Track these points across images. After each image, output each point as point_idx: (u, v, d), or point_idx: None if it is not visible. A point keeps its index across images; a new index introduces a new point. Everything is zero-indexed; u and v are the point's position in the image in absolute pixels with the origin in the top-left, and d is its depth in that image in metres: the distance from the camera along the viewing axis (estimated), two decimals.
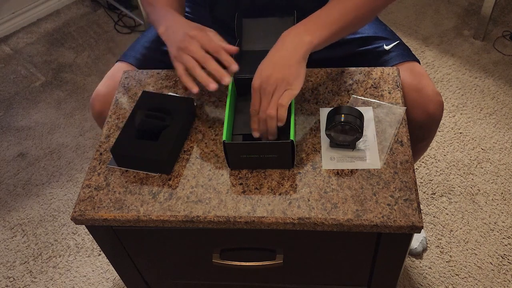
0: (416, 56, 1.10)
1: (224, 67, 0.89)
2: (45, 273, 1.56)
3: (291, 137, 0.83)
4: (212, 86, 0.88)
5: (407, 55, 1.09)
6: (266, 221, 0.82)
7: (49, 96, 2.11)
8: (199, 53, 0.89)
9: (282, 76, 0.85)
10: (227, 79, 0.87)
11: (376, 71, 1.01)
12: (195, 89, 0.89)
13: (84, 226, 1.42)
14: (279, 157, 0.85)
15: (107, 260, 1.35)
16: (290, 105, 0.88)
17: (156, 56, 1.15)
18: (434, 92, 1.04)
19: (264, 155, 0.85)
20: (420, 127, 1.06)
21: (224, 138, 0.84)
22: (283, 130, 0.91)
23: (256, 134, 0.88)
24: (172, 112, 0.94)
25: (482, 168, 1.67)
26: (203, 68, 0.89)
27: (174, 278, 1.07)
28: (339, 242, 0.89)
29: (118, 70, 1.12)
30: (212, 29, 0.94)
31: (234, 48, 0.90)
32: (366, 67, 1.02)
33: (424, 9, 2.29)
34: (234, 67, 0.88)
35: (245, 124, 0.92)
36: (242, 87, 0.94)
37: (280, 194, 0.85)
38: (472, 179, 1.64)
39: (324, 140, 0.91)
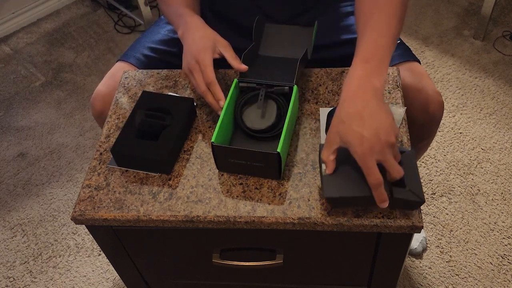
0: (416, 56, 1.10)
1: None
2: (45, 273, 1.56)
3: (279, 149, 0.81)
4: (222, 103, 0.91)
5: (407, 55, 1.09)
6: (266, 221, 0.82)
7: (49, 96, 2.11)
8: (199, 87, 0.92)
9: (385, 139, 0.74)
10: (220, 112, 0.91)
11: None
12: (222, 102, 0.91)
13: (84, 226, 1.42)
14: (266, 167, 0.84)
15: (107, 260, 1.35)
16: (281, 112, 0.89)
17: (160, 57, 1.15)
18: (434, 92, 1.04)
19: (251, 162, 0.84)
20: (420, 127, 1.06)
21: (213, 139, 0.84)
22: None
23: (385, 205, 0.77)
24: (172, 112, 0.94)
25: (482, 168, 1.67)
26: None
27: (174, 278, 1.07)
28: (339, 242, 0.89)
29: (119, 70, 1.12)
30: (225, 44, 0.95)
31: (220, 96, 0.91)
32: None
33: (424, 9, 2.29)
34: (221, 103, 0.91)
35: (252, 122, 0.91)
36: (245, 91, 0.94)
37: (280, 194, 0.85)
38: (472, 179, 1.64)
39: (324, 140, 0.91)
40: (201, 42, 0.94)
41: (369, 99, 0.76)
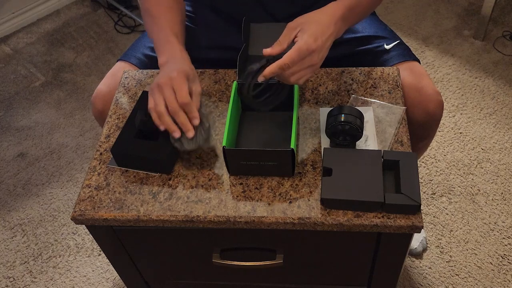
0: (416, 56, 1.10)
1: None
2: (45, 273, 1.56)
3: (292, 146, 0.83)
4: (177, 134, 0.85)
5: (407, 55, 1.09)
6: (266, 221, 0.82)
7: (49, 96, 2.11)
8: (172, 103, 0.85)
9: (322, 57, 0.88)
10: (190, 134, 0.85)
11: (376, 71, 1.01)
12: (177, 134, 0.85)
13: (84, 226, 1.42)
14: (279, 165, 0.85)
15: (107, 260, 1.35)
16: (292, 112, 0.89)
17: None
18: (434, 92, 1.04)
19: (264, 162, 0.85)
20: (420, 127, 1.06)
21: (224, 144, 0.84)
22: (285, 137, 0.91)
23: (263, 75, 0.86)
24: None
25: (482, 168, 1.67)
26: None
27: (174, 278, 1.07)
28: (339, 242, 0.89)
29: (119, 69, 1.12)
30: (195, 74, 0.91)
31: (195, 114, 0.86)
32: (366, 67, 1.02)
33: (424, 9, 2.29)
34: (196, 121, 0.85)
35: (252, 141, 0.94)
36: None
37: (280, 194, 0.85)
38: (472, 179, 1.64)
39: (324, 140, 0.91)
40: (177, 66, 0.89)
41: (333, 34, 0.90)
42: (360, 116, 0.85)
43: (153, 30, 0.99)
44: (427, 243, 1.50)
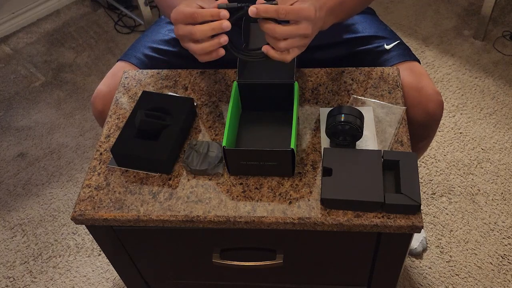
0: (416, 56, 1.10)
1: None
2: (45, 273, 1.56)
3: (292, 146, 0.83)
4: (223, 39, 0.84)
5: (407, 55, 1.09)
6: (266, 221, 0.82)
7: (49, 96, 2.11)
8: (195, 34, 0.83)
9: (314, 33, 0.86)
10: (225, 24, 0.82)
11: (376, 71, 1.01)
12: (223, 39, 0.84)
13: (84, 226, 1.42)
14: (279, 165, 0.85)
15: (107, 260, 1.35)
16: (292, 111, 0.89)
17: (161, 56, 1.15)
18: (434, 92, 1.04)
19: (264, 162, 0.85)
20: (420, 127, 1.06)
21: (224, 143, 0.84)
22: (285, 137, 0.91)
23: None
24: (172, 112, 0.94)
25: (482, 168, 1.67)
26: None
27: (174, 278, 1.07)
28: (339, 242, 0.89)
29: (120, 69, 1.12)
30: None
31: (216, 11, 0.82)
32: (366, 67, 1.02)
33: (424, 9, 2.29)
34: (226, 24, 0.82)
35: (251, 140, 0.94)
36: (246, 91, 0.94)
37: (280, 194, 0.85)
38: (472, 179, 1.64)
39: (324, 140, 0.91)
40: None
41: (319, 27, 0.88)
42: (360, 116, 0.85)
43: (163, 7, 1.03)
44: (427, 243, 1.50)
